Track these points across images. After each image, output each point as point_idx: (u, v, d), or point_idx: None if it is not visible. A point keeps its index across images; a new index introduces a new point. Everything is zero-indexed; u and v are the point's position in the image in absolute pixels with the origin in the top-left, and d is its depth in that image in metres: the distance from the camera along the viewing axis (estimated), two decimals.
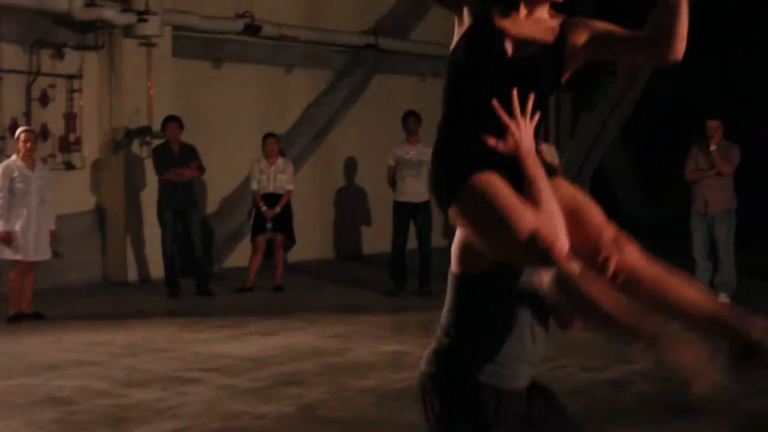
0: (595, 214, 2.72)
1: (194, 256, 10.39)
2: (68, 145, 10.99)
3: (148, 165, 10.83)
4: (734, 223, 9.45)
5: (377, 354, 7.45)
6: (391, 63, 14.19)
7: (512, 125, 2.63)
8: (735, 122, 9.61)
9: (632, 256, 2.66)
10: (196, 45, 12.00)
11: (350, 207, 13.91)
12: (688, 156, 9.60)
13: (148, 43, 11.15)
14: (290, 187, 10.74)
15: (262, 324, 8.68)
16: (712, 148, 9.31)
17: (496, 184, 2.63)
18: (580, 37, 2.81)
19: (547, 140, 10.92)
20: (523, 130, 2.64)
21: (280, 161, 10.79)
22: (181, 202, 10.23)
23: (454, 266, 2.82)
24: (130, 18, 10.88)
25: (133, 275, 11.27)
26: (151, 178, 10.76)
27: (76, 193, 11.05)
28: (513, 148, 2.63)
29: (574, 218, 2.68)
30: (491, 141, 2.63)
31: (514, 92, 2.65)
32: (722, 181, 9.37)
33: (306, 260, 12.81)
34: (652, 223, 14.93)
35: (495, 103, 2.63)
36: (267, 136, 10.82)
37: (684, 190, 10.19)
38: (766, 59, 17.69)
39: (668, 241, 9.92)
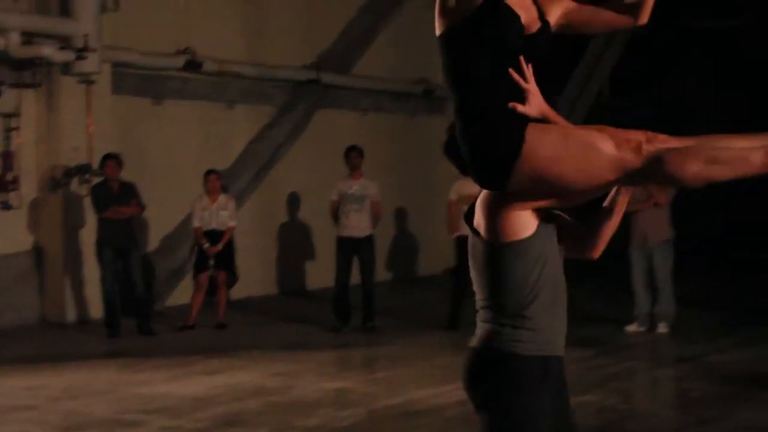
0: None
1: (135, 294, 10.26)
2: (5, 184, 10.81)
3: (88, 203, 10.69)
4: (672, 253, 9.59)
5: (321, 391, 7.40)
6: (334, 98, 14.25)
7: (533, 90, 2.89)
8: None
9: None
10: (136, 82, 11.93)
11: (294, 242, 13.87)
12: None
13: (87, 80, 11.04)
14: (232, 223, 10.69)
15: (205, 363, 8.58)
16: None
17: (550, 126, 2.86)
18: (554, 16, 3.09)
19: None
20: (539, 97, 2.90)
21: (222, 198, 10.74)
22: (120, 240, 10.12)
23: (494, 238, 2.93)
24: (68, 55, 10.77)
25: (72, 316, 11.09)
26: (91, 217, 10.62)
27: (14, 233, 10.86)
28: (537, 109, 2.88)
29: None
30: (519, 107, 2.85)
31: (529, 66, 2.92)
32: (660, 212, 9.52)
33: (249, 297, 12.73)
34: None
35: (512, 72, 2.88)
36: (209, 172, 10.77)
37: (622, 221, 10.34)
38: (694, 91, 18.12)
39: (609, 272, 10.07)
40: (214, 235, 10.54)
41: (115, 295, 10.17)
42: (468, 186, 10.13)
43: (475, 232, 2.99)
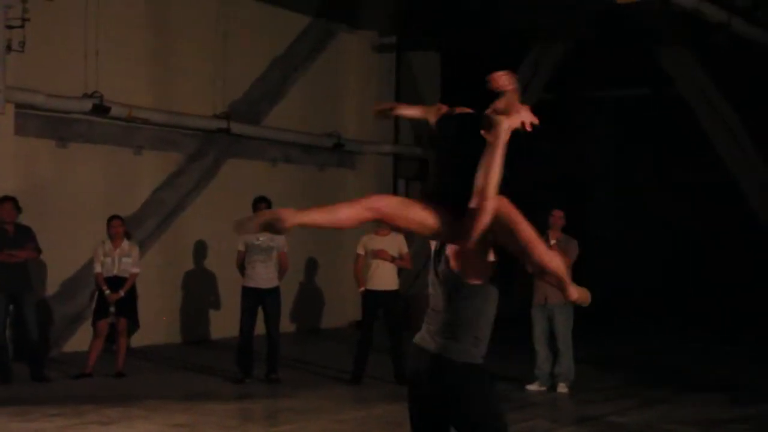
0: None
1: (29, 340, 9.94)
2: None
3: None
4: (572, 314, 9.76)
5: None
6: (243, 147, 14.21)
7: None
8: (572, 217, 9.98)
9: None
10: (40, 123, 11.68)
11: (198, 291, 13.67)
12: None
13: None
14: (135, 270, 10.49)
15: (101, 413, 8.32)
16: (552, 242, 9.60)
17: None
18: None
19: (395, 229, 11.08)
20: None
21: (125, 244, 10.54)
22: (14, 284, 9.83)
23: (471, 280, 3.95)
24: None
25: None
26: None
27: None
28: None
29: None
30: None
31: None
32: None
33: (152, 345, 12.46)
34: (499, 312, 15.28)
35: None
36: (112, 218, 10.57)
37: (527, 280, 10.51)
38: (600, 157, 18.68)
39: (511, 331, 10.19)
40: (115, 282, 10.32)
41: (6, 341, 9.85)
42: (376, 241, 10.20)
43: (450, 270, 3.95)
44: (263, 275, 10.16)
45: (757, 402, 9.46)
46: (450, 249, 3.97)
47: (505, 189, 3.87)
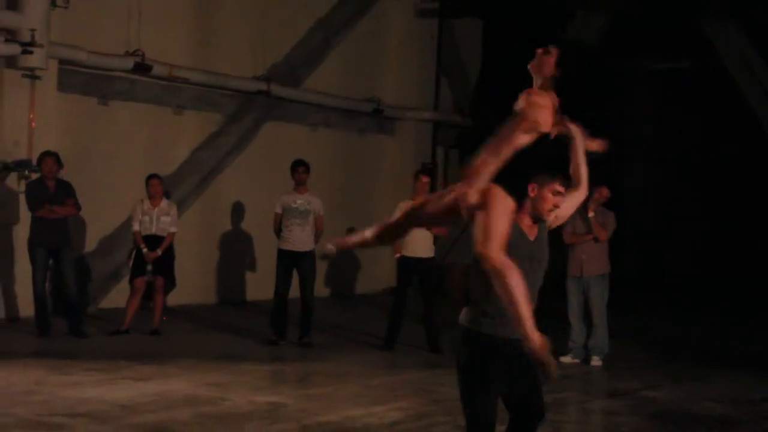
0: None
1: (67, 295, 10.06)
2: None
3: (23, 200, 10.48)
4: (608, 287, 9.70)
5: (253, 404, 7.31)
6: (283, 110, 14.20)
7: None
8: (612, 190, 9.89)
9: None
10: (83, 80, 11.76)
11: (235, 252, 13.75)
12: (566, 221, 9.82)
13: (32, 75, 10.86)
14: (173, 229, 10.55)
15: (136, 369, 8.43)
16: (590, 214, 9.56)
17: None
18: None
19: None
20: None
21: (164, 203, 10.61)
22: (53, 240, 9.93)
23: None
24: (14, 49, 10.57)
25: (1, 313, 10.84)
26: (25, 214, 10.39)
27: None
28: None
29: None
30: None
31: None
32: (598, 246, 9.63)
33: (187, 304, 12.57)
34: None
35: None
36: (151, 177, 10.63)
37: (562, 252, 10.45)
38: (636, 136, 18.44)
39: (545, 303, 10.15)
40: (153, 240, 10.40)
41: (46, 295, 9.98)
42: None
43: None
44: (300, 238, 10.18)
45: None
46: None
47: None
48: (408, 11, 16.46)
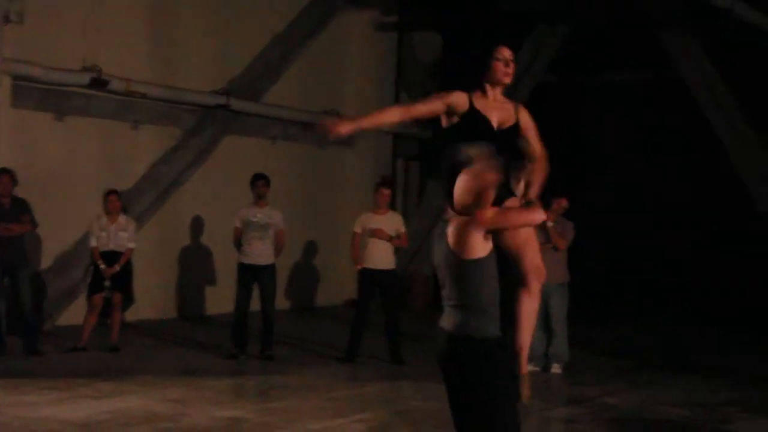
0: None
1: (23, 313, 9.93)
2: None
3: None
4: (567, 296, 9.76)
5: (214, 420, 7.26)
6: (242, 124, 14.15)
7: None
8: (572, 200, 9.97)
9: None
10: (38, 96, 11.62)
11: (194, 267, 13.66)
12: None
13: None
14: (132, 245, 10.47)
15: (94, 386, 8.32)
16: (549, 224, 9.61)
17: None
18: (524, 123, 5.17)
19: (393, 208, 11.06)
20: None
21: (122, 219, 10.52)
22: (9, 258, 9.80)
23: (465, 255, 4.07)
24: None
25: None
26: None
27: None
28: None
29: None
30: None
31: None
32: (557, 255, 9.69)
33: (146, 319, 12.46)
34: None
35: None
36: (109, 192, 10.54)
37: None
38: (592, 141, 18.64)
39: (503, 311, 10.17)
40: (111, 256, 10.31)
41: (1, 314, 9.84)
42: (373, 220, 10.17)
43: (449, 248, 4.10)
44: (259, 252, 10.15)
45: (744, 385, 9.52)
46: (450, 227, 4.16)
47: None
48: (367, 25, 16.51)
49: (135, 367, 9.34)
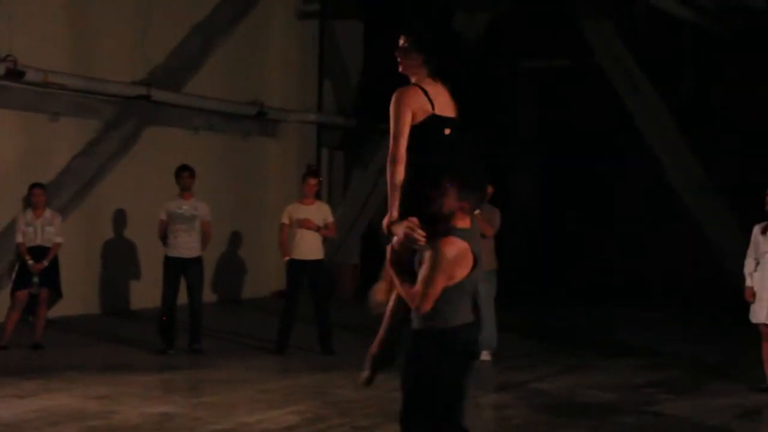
0: None
1: None
2: None
3: None
4: (495, 282, 9.86)
5: (144, 416, 7.16)
6: (164, 115, 13.94)
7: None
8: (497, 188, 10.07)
9: None
10: None
11: (118, 261, 13.43)
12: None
13: None
14: (59, 240, 10.24)
15: (18, 386, 8.13)
16: (476, 212, 9.65)
17: None
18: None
19: (319, 198, 11.03)
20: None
21: (48, 213, 10.29)
22: None
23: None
24: None
25: None
26: None
27: None
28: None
29: None
30: None
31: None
32: (485, 242, 9.72)
33: (70, 315, 12.21)
34: None
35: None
36: (33, 186, 10.29)
37: None
38: (521, 131, 18.87)
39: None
40: (39, 251, 10.07)
41: None
42: (301, 210, 10.14)
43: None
44: (186, 244, 10.03)
45: (669, 367, 9.78)
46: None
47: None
48: (289, 14, 16.40)
49: (60, 365, 9.15)
